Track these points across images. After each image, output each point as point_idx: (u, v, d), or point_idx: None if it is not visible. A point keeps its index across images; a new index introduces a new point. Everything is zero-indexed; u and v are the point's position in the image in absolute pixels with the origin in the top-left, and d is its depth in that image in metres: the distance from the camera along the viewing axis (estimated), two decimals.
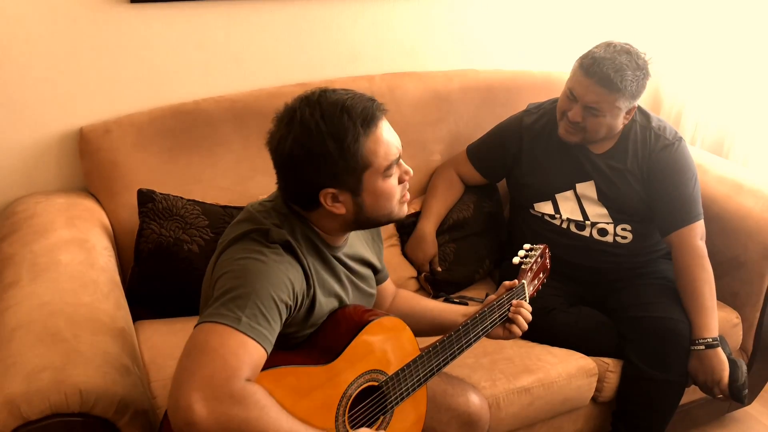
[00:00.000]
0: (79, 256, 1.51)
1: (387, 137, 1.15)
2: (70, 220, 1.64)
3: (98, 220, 1.72)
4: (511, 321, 1.39)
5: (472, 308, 1.42)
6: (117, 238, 1.76)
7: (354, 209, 1.17)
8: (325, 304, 1.21)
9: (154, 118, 1.82)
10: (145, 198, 1.69)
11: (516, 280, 1.45)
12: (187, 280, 1.69)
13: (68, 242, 1.55)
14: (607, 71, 1.67)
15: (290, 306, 1.10)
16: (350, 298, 1.28)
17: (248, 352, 0.99)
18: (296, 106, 1.13)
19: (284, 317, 1.08)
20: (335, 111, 1.10)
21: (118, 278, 1.58)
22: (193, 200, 1.74)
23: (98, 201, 1.80)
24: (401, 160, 1.20)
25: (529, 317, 1.41)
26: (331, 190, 1.14)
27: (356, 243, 1.32)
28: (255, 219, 1.17)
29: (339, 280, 1.26)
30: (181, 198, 1.73)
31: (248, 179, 1.89)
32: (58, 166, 1.84)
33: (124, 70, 1.82)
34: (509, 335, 1.40)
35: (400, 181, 1.20)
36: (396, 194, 1.19)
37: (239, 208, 1.77)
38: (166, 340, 1.61)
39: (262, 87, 1.97)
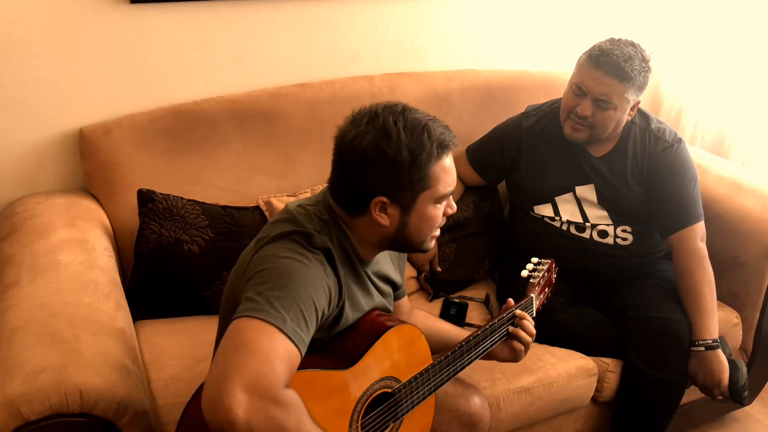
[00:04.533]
0: (79, 257, 1.51)
1: (451, 168, 1.18)
2: (70, 221, 1.64)
3: (98, 220, 1.72)
4: (514, 336, 1.39)
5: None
6: (117, 238, 1.76)
7: (398, 226, 1.18)
8: (351, 316, 1.22)
9: (154, 118, 1.82)
10: (145, 198, 1.69)
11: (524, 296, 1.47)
12: (187, 281, 1.70)
13: (68, 242, 1.55)
14: (617, 61, 1.67)
15: (325, 314, 1.10)
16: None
17: (291, 356, 0.98)
18: (378, 111, 1.14)
19: (318, 324, 1.08)
20: (417, 126, 1.13)
21: (118, 278, 1.58)
22: (193, 200, 1.74)
23: (98, 201, 1.80)
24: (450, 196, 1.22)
25: (532, 330, 1.40)
26: (384, 199, 1.14)
27: (382, 261, 1.33)
28: (297, 221, 1.16)
29: (368, 294, 1.26)
30: (181, 198, 1.73)
31: (248, 179, 1.89)
32: (58, 167, 1.84)
33: (124, 70, 1.82)
34: (515, 355, 1.40)
35: (443, 214, 1.22)
36: (437, 224, 1.22)
37: (239, 208, 1.77)
38: (166, 340, 1.61)
39: (262, 87, 1.97)
